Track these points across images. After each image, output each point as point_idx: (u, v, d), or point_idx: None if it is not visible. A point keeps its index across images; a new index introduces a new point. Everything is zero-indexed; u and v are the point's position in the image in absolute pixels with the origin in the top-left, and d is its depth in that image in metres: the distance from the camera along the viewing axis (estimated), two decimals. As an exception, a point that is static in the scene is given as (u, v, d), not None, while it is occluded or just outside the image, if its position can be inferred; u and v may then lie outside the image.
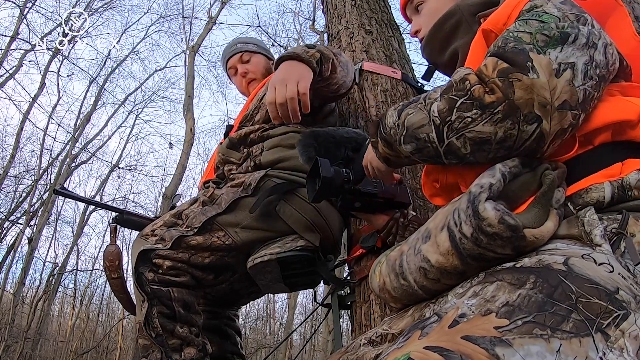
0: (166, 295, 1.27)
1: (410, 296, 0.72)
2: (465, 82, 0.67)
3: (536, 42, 0.66)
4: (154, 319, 1.26)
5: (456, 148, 0.68)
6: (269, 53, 1.93)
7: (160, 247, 1.29)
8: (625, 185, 0.65)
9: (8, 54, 9.92)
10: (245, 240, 1.35)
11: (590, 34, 0.68)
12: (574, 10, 0.72)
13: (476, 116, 0.65)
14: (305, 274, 1.39)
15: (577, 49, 0.66)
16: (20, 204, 11.34)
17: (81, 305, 14.00)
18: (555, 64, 0.64)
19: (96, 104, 12.15)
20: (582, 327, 0.51)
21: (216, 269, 1.37)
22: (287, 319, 12.55)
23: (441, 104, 0.68)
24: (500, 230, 0.59)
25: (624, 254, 0.59)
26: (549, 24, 0.68)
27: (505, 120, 0.64)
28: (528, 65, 0.63)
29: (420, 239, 0.69)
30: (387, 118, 0.78)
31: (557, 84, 0.63)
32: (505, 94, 0.63)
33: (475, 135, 0.66)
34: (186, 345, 1.28)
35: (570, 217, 0.65)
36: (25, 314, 10.21)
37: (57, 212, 12.31)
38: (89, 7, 11.31)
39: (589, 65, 0.66)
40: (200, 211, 1.37)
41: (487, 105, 0.64)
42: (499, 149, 0.66)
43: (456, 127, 0.66)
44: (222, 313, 1.60)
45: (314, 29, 9.52)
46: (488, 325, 0.52)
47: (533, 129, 0.64)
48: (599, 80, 0.68)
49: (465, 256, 0.62)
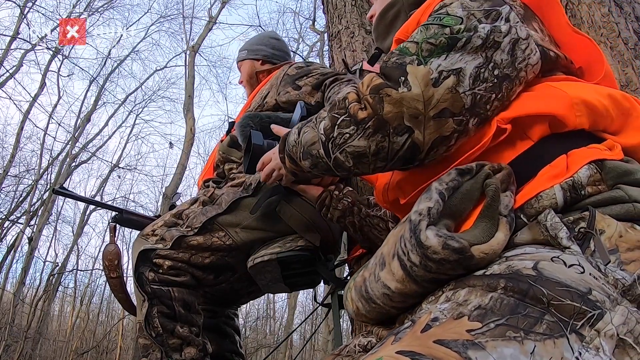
0: (166, 295, 1.27)
1: (385, 315, 0.72)
2: (345, 101, 0.70)
3: (421, 52, 0.67)
4: (154, 319, 1.26)
5: (341, 162, 0.72)
6: (255, 53, 1.89)
7: (161, 247, 1.30)
8: (577, 184, 0.64)
9: (8, 53, 9.93)
10: (245, 240, 1.35)
11: (492, 33, 0.68)
12: (486, 5, 0.71)
13: (353, 132, 0.68)
14: (305, 274, 1.39)
15: (468, 53, 0.66)
16: (21, 203, 11.35)
17: (81, 305, 14.01)
18: (435, 74, 0.65)
19: (96, 103, 12.16)
20: (556, 329, 0.51)
21: (216, 269, 1.37)
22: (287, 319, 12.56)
23: (326, 122, 0.72)
24: (446, 255, 0.58)
25: (594, 254, 0.59)
26: (444, 28, 0.68)
27: (376, 134, 0.67)
28: (401, 79, 0.65)
29: (378, 266, 0.68)
30: (290, 136, 0.83)
31: (434, 93, 0.65)
32: (375, 110, 0.66)
33: (354, 150, 0.69)
34: (186, 345, 1.28)
35: (532, 223, 0.64)
36: (25, 314, 10.22)
37: (57, 212, 12.33)
38: (89, 7, 11.32)
39: (483, 68, 0.67)
40: (200, 211, 1.37)
41: (360, 121, 0.67)
42: (375, 160, 0.70)
43: (338, 143, 0.70)
44: (221, 312, 1.60)
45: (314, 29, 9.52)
46: (460, 329, 0.52)
47: (404, 140, 0.66)
48: (498, 81, 0.68)
49: (420, 281, 0.62)
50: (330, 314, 1.53)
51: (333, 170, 0.75)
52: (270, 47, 1.92)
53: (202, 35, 10.34)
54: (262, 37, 2.03)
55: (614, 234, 0.60)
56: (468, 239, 0.59)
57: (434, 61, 0.66)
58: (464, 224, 0.65)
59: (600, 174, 0.65)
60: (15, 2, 9.24)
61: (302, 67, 1.63)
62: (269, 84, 1.67)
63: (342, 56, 1.96)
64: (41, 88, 10.57)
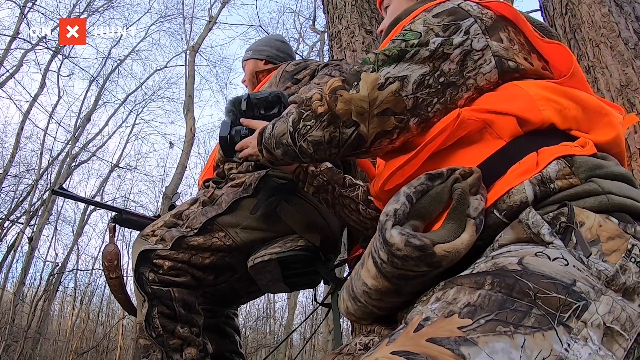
0: (167, 295, 1.27)
1: (370, 314, 0.75)
2: (311, 99, 0.83)
3: (377, 61, 0.78)
4: (154, 319, 1.26)
5: (304, 149, 0.84)
6: (258, 53, 1.93)
7: (161, 248, 1.29)
8: (546, 179, 0.67)
9: (8, 53, 9.93)
10: (245, 240, 1.35)
11: (442, 45, 0.77)
12: (447, 20, 0.80)
13: (313, 124, 0.81)
14: (305, 274, 1.39)
15: (415, 62, 0.77)
16: (21, 203, 11.35)
17: (81, 305, 14.01)
18: (382, 79, 0.76)
19: (96, 103, 12.16)
20: (544, 322, 0.52)
21: (217, 269, 1.37)
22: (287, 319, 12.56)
23: (294, 116, 0.85)
24: (408, 252, 0.62)
25: (577, 247, 0.60)
26: (402, 42, 0.79)
27: (330, 126, 0.79)
28: (354, 84, 0.77)
29: (360, 265, 0.73)
30: (266, 130, 0.95)
31: (379, 95, 0.76)
32: (330, 106, 0.79)
33: (313, 139, 0.82)
34: (187, 346, 1.28)
35: (514, 222, 0.66)
36: (26, 314, 10.22)
37: (57, 212, 12.33)
38: (89, 7, 11.31)
39: (428, 76, 0.76)
40: (200, 212, 1.37)
41: (319, 115, 0.80)
42: (329, 147, 0.82)
43: (302, 133, 0.83)
44: (220, 312, 1.60)
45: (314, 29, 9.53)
46: (452, 326, 0.53)
47: (351, 131, 0.78)
48: (442, 87, 0.77)
49: (390, 278, 0.66)
50: (330, 314, 1.53)
51: (299, 157, 0.87)
52: (274, 48, 1.94)
53: (202, 35, 10.34)
54: (268, 39, 2.07)
55: (593, 224, 0.62)
56: (432, 238, 0.63)
57: (385, 69, 0.77)
58: (433, 224, 0.69)
59: (570, 168, 0.68)
60: (15, 2, 9.25)
61: (300, 62, 1.66)
62: (268, 82, 1.68)
63: (342, 56, 1.96)
64: (41, 88, 10.58)
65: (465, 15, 0.80)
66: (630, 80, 1.42)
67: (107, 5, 11.80)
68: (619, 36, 1.49)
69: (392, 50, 0.78)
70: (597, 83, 1.50)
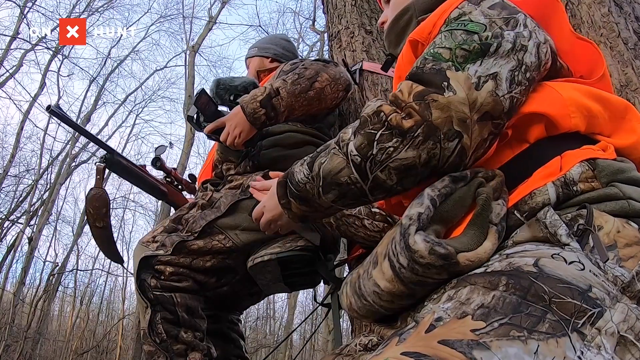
0: (169, 301, 1.27)
1: (375, 314, 0.73)
2: (380, 115, 0.67)
3: (455, 58, 0.67)
4: (157, 325, 1.26)
5: (382, 181, 0.68)
6: (265, 51, 1.92)
7: (162, 253, 1.30)
8: (569, 181, 0.65)
9: (8, 53, 9.92)
10: (245, 242, 1.35)
11: (518, 37, 0.69)
12: (504, 13, 0.72)
13: (397, 144, 0.65)
14: (305, 274, 1.39)
15: (501, 57, 0.67)
16: (21, 203, 11.35)
17: (81, 305, 14.00)
18: (474, 79, 0.65)
19: (96, 103, 12.17)
20: (558, 328, 0.51)
21: (218, 272, 1.37)
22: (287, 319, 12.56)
23: (358, 141, 0.68)
24: (432, 261, 0.60)
25: (593, 250, 0.59)
26: (472, 35, 0.69)
27: (427, 142, 0.65)
28: (444, 85, 0.65)
29: (371, 264, 0.70)
30: (296, 175, 0.77)
31: (478, 96, 0.64)
32: (423, 116, 0.64)
33: (400, 164, 0.66)
34: (191, 350, 1.28)
35: (531, 221, 0.64)
36: (25, 314, 10.22)
37: (57, 212, 12.33)
38: (89, 7, 11.31)
39: (516, 71, 0.67)
40: (199, 215, 1.37)
41: (407, 130, 0.65)
42: (424, 170, 0.67)
43: (379, 160, 0.67)
44: (224, 317, 1.59)
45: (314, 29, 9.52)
46: (464, 329, 0.52)
47: (454, 145, 0.65)
48: (528, 84, 0.69)
49: (407, 282, 0.63)
50: (330, 314, 1.53)
51: (367, 196, 0.71)
52: (280, 47, 1.94)
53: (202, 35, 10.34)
54: (273, 37, 2.07)
55: (611, 230, 0.60)
56: (455, 246, 0.61)
57: (470, 67, 0.66)
58: (455, 229, 0.67)
59: (593, 171, 0.66)
60: (15, 2, 9.25)
61: (297, 62, 1.65)
62: (267, 82, 1.68)
63: (342, 56, 1.96)
64: (41, 88, 10.58)
65: (516, 10, 0.74)
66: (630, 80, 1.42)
67: (107, 5, 11.80)
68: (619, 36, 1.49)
69: (472, 44, 0.67)
70: (597, 83, 1.51)
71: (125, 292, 12.97)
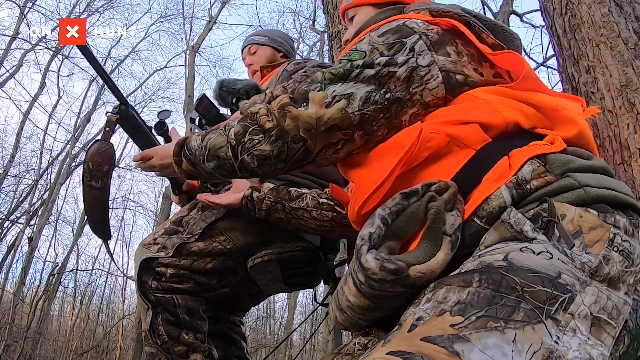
0: (170, 302, 1.27)
1: (356, 325, 0.77)
2: (257, 115, 0.83)
3: (324, 80, 0.80)
4: (159, 327, 1.26)
5: (247, 163, 0.84)
6: (278, 44, 1.88)
7: (163, 255, 1.30)
8: (521, 181, 0.68)
9: (8, 53, 9.93)
10: (246, 243, 1.36)
11: (388, 65, 0.79)
12: (391, 39, 0.82)
13: (261, 138, 0.82)
14: (305, 274, 1.39)
15: (361, 81, 0.79)
16: (21, 203, 11.36)
17: (81, 305, 14.01)
18: (329, 98, 0.79)
19: (96, 103, 12.17)
20: (533, 315, 0.54)
21: (219, 273, 1.37)
22: (287, 319, 12.56)
23: (237, 128, 0.84)
24: (383, 276, 0.63)
25: (560, 240, 0.62)
26: (350, 62, 0.80)
27: (278, 141, 0.81)
28: (302, 103, 0.79)
29: (343, 280, 0.74)
30: (192, 142, 0.93)
31: (326, 113, 0.78)
32: (279, 122, 0.80)
33: (260, 153, 0.82)
34: (192, 352, 1.28)
35: (496, 223, 0.67)
36: (25, 314, 10.22)
37: (57, 212, 12.33)
38: (89, 7, 11.31)
39: (374, 93, 0.79)
40: (200, 217, 1.37)
41: (267, 130, 0.81)
42: (277, 162, 0.83)
43: (247, 147, 0.83)
44: (225, 318, 1.59)
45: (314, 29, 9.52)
46: (444, 325, 0.54)
47: (299, 146, 0.81)
48: (389, 103, 0.79)
49: (369, 297, 0.68)
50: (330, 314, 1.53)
51: (235, 172, 0.88)
52: (289, 45, 1.93)
53: (202, 35, 10.34)
54: (281, 32, 2.03)
55: (574, 216, 0.63)
56: (407, 260, 0.64)
57: (331, 87, 0.79)
58: (411, 243, 0.70)
59: (544, 166, 0.69)
60: (15, 2, 9.25)
61: (300, 62, 1.65)
62: (269, 80, 1.67)
63: (342, 56, 1.95)
64: (41, 88, 10.58)
65: (410, 33, 0.82)
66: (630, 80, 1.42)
67: (107, 5, 11.81)
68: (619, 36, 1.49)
69: (339, 69, 0.80)
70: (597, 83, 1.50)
71: (125, 292, 12.98)
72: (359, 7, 1.08)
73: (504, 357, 0.51)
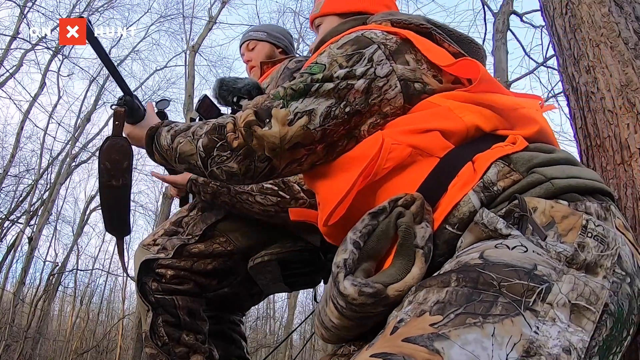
0: (171, 304, 1.27)
1: (342, 339, 0.78)
2: (224, 129, 0.82)
3: (286, 96, 0.80)
4: (159, 328, 1.26)
5: (216, 175, 0.85)
6: (277, 40, 1.87)
7: (163, 257, 1.30)
8: (488, 184, 0.69)
9: (8, 53, 9.92)
10: (247, 244, 1.36)
11: (346, 78, 0.79)
12: (350, 50, 0.82)
13: (228, 155, 0.82)
14: (305, 274, 1.39)
15: (322, 96, 0.79)
16: (21, 203, 11.35)
17: (81, 305, 14.01)
18: (291, 115, 0.78)
19: (96, 103, 12.16)
20: (511, 309, 0.55)
21: (219, 274, 1.37)
22: (287, 319, 12.56)
23: (205, 141, 0.84)
24: (363, 301, 0.65)
25: (534, 233, 0.62)
26: (310, 76, 0.81)
27: (245, 160, 0.81)
28: (266, 120, 0.79)
29: (325, 301, 0.75)
30: (162, 139, 0.92)
31: (289, 131, 0.78)
32: (246, 141, 0.80)
33: (228, 169, 0.83)
34: (193, 353, 1.28)
35: (470, 225, 0.68)
36: (25, 314, 10.22)
37: (57, 212, 12.33)
38: (89, 7, 11.31)
39: (334, 107, 0.79)
40: (200, 218, 1.37)
41: (234, 149, 0.81)
42: (244, 178, 0.84)
43: (216, 161, 0.83)
44: (225, 318, 1.59)
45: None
46: (424, 324, 0.55)
47: (265, 165, 0.82)
48: (349, 117, 0.80)
49: (352, 319, 0.69)
50: (330, 314, 1.53)
51: (207, 177, 0.89)
52: (288, 40, 1.92)
53: (202, 35, 10.33)
54: (280, 28, 2.02)
55: (545, 208, 0.64)
56: (383, 280, 0.65)
57: (293, 104, 0.79)
58: (385, 260, 0.71)
59: (509, 166, 0.70)
60: (15, 2, 9.24)
61: (301, 60, 1.64)
62: (269, 77, 1.67)
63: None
64: (41, 88, 10.57)
65: (368, 43, 0.82)
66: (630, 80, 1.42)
67: (107, 5, 11.80)
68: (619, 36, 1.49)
69: (299, 85, 0.80)
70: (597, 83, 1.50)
71: (125, 292, 12.98)
72: (325, 17, 1.10)
73: (484, 351, 0.52)
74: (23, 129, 10.61)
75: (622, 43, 1.47)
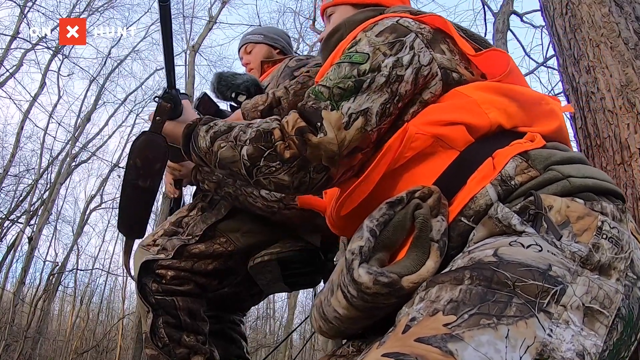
0: (171, 304, 1.27)
1: (342, 333, 0.77)
2: (271, 136, 0.76)
3: (332, 97, 0.75)
4: (160, 329, 1.26)
5: (263, 185, 0.79)
6: (274, 41, 1.88)
7: (163, 257, 1.29)
8: (506, 177, 0.68)
9: (8, 53, 9.92)
10: (247, 244, 1.35)
11: (395, 66, 0.75)
12: (390, 38, 0.79)
13: (278, 167, 0.76)
14: (305, 274, 1.39)
15: (373, 92, 0.75)
16: (21, 203, 11.35)
17: (81, 305, 14.00)
18: (345, 117, 0.73)
19: (96, 103, 12.15)
20: (525, 310, 0.54)
21: (220, 274, 1.37)
22: (287, 319, 12.56)
23: (250, 149, 0.77)
24: (378, 290, 0.63)
25: (548, 232, 0.62)
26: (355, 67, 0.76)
27: (300, 172, 0.75)
28: (318, 125, 0.73)
29: (329, 291, 0.73)
30: (200, 140, 0.85)
31: (346, 135, 0.73)
32: (300, 151, 0.74)
33: (278, 181, 0.77)
34: (193, 354, 1.28)
35: (484, 219, 0.67)
36: (25, 313, 10.21)
37: (57, 212, 12.33)
38: (89, 6, 11.30)
39: (388, 104, 0.75)
40: (200, 218, 1.37)
41: (286, 160, 0.75)
42: (296, 191, 0.79)
43: (263, 171, 0.77)
44: (226, 317, 1.59)
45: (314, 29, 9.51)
46: (437, 324, 0.54)
47: (322, 176, 0.76)
48: (400, 112, 0.77)
49: (361, 309, 0.67)
50: (330, 313, 1.53)
51: (251, 185, 0.85)
52: (285, 41, 1.92)
53: (202, 35, 10.32)
54: (277, 29, 2.03)
55: (561, 206, 0.63)
56: (398, 271, 0.64)
57: (344, 104, 0.74)
58: (399, 252, 0.70)
59: (527, 162, 0.69)
60: (15, 2, 9.24)
61: (302, 59, 1.64)
62: (270, 76, 1.67)
63: (342, 56, 1.95)
64: (41, 88, 10.57)
65: (406, 32, 0.80)
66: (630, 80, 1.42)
67: (107, 5, 11.79)
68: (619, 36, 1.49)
69: (347, 82, 0.75)
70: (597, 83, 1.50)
71: (125, 291, 12.97)
72: (337, 6, 1.08)
73: (498, 354, 0.51)
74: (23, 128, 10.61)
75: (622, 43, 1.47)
